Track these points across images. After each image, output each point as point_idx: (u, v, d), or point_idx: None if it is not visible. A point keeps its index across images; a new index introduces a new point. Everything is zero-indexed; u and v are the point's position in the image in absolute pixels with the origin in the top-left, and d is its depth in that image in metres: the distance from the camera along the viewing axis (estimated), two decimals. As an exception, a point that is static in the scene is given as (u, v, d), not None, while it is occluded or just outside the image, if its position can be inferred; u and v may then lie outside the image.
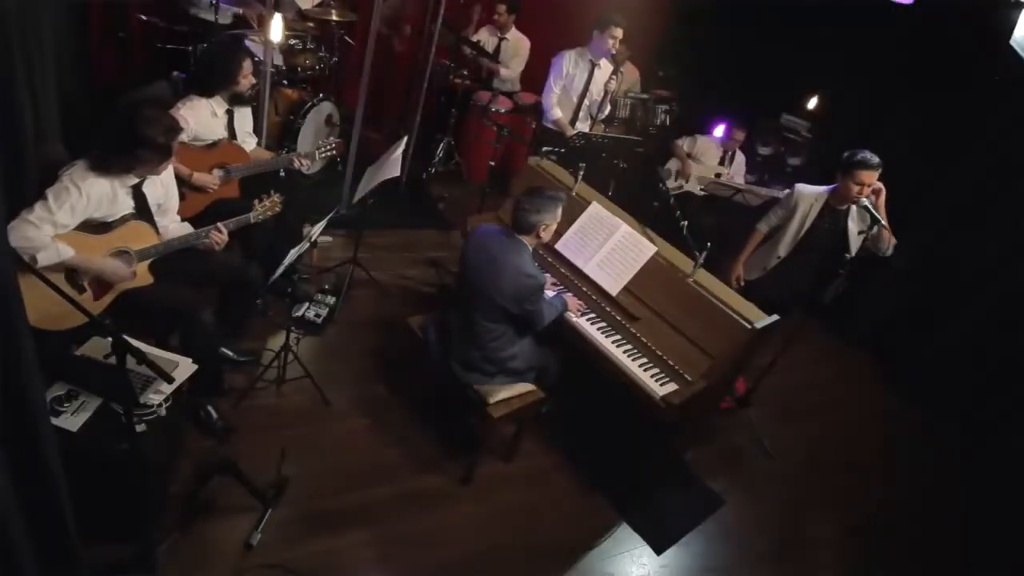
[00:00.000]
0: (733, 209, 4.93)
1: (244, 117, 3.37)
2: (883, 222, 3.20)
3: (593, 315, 3.13)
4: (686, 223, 3.20)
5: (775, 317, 2.88)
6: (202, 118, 3.10)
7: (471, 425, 3.17)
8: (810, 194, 3.45)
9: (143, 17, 4.30)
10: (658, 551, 2.98)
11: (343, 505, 2.70)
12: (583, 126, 4.81)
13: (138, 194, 2.51)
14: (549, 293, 3.03)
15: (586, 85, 4.66)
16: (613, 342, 3.01)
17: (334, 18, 4.60)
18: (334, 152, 3.69)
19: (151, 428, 2.22)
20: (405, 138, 3.77)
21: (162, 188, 2.65)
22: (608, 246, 3.19)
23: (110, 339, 1.70)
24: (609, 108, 4.92)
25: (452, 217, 5.04)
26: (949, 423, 4.54)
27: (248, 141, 3.42)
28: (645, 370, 2.91)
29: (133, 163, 2.39)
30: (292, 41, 4.41)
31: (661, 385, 2.85)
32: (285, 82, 4.39)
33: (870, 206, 3.22)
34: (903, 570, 3.38)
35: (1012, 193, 4.32)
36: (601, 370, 2.98)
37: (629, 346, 3.01)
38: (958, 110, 4.58)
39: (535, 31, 5.63)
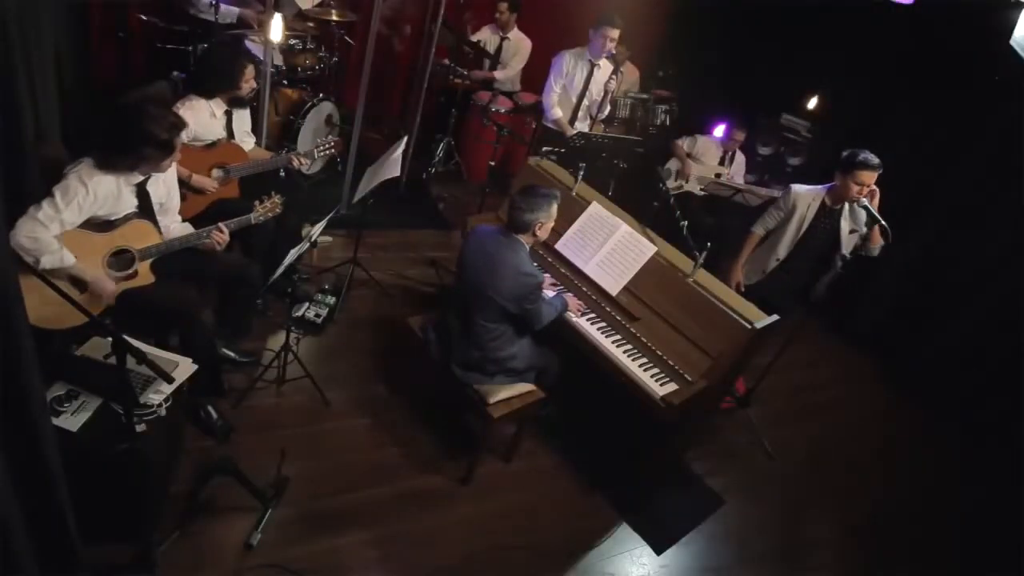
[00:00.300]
0: (733, 209, 4.93)
1: (242, 117, 3.37)
2: (883, 222, 3.19)
3: (593, 315, 3.13)
4: (686, 223, 3.20)
5: (775, 317, 2.88)
6: (201, 118, 3.10)
7: (471, 425, 3.17)
8: (807, 194, 3.46)
9: (143, 17, 4.30)
10: (658, 551, 2.98)
11: (343, 505, 2.70)
12: (582, 126, 4.81)
13: (142, 192, 2.52)
14: (548, 293, 3.03)
15: (585, 85, 4.66)
16: (613, 342, 3.01)
17: (334, 18, 4.61)
18: (333, 150, 3.69)
19: (151, 428, 2.22)
20: (405, 138, 3.77)
21: (164, 187, 2.66)
22: (608, 246, 3.18)
23: (110, 339, 1.70)
24: (609, 108, 4.92)
25: (452, 217, 5.04)
26: (949, 423, 4.54)
27: (247, 141, 3.42)
28: (645, 370, 2.91)
29: (138, 161, 2.40)
30: (292, 41, 4.41)
31: (661, 385, 2.85)
32: (285, 82, 4.39)
33: (869, 206, 3.23)
34: (903, 570, 3.38)
35: (1012, 193, 4.31)
36: (601, 370, 2.98)
37: (629, 346, 3.01)
38: (958, 110, 4.58)
39: (536, 31, 5.63)
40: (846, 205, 3.40)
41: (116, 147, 2.36)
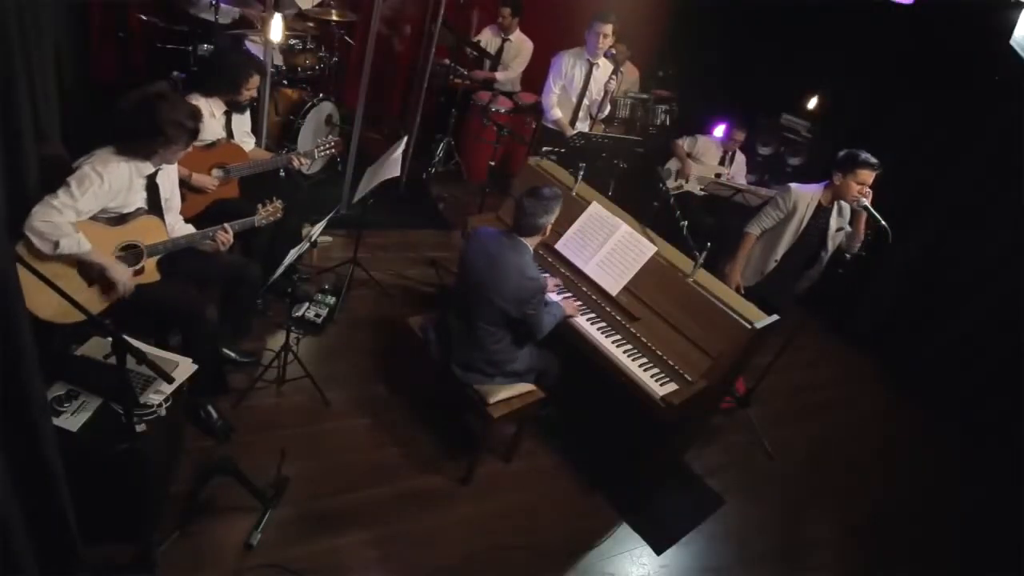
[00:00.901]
0: (733, 209, 4.93)
1: (242, 118, 3.37)
2: (883, 222, 3.19)
3: (593, 315, 3.13)
4: (686, 223, 3.20)
5: (775, 317, 2.88)
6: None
7: (471, 425, 3.17)
8: (807, 193, 3.46)
9: (143, 17, 4.31)
10: (658, 551, 2.98)
11: (343, 505, 2.70)
12: (583, 126, 4.81)
13: (151, 185, 2.54)
14: (552, 295, 3.03)
15: (585, 84, 4.66)
16: (613, 342, 3.01)
17: (334, 18, 4.61)
18: (333, 150, 3.69)
19: (151, 428, 2.22)
20: (405, 138, 3.77)
21: (169, 183, 2.68)
22: (608, 246, 3.18)
23: (110, 339, 1.70)
24: (609, 108, 4.91)
25: (452, 217, 5.04)
26: (949, 423, 4.55)
27: (247, 141, 3.42)
28: (645, 370, 2.91)
29: (157, 145, 2.42)
30: (292, 41, 4.41)
31: (661, 385, 2.85)
32: (285, 82, 4.39)
33: (868, 206, 3.23)
34: (903, 570, 3.38)
35: (1012, 193, 4.32)
36: (601, 370, 2.98)
37: (629, 346, 3.01)
38: (958, 110, 4.58)
39: (538, 32, 5.63)
40: (836, 203, 3.41)
41: (139, 131, 2.38)
